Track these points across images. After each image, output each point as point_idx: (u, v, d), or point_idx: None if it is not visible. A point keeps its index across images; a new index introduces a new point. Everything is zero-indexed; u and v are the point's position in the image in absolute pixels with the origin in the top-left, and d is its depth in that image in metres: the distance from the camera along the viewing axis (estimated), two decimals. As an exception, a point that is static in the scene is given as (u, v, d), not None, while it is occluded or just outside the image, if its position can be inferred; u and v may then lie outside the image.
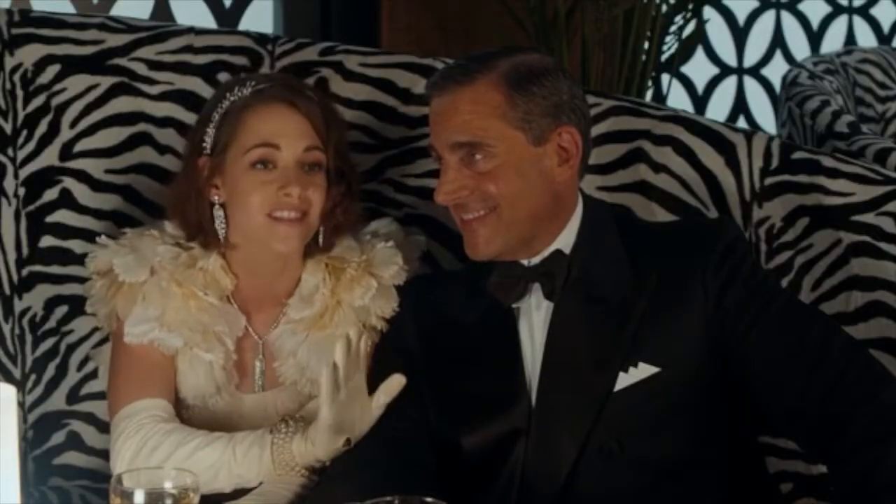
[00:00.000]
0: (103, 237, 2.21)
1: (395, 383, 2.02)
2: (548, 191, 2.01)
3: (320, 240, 2.16)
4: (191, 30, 2.52)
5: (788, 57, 4.69)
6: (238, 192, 2.11)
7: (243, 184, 2.10)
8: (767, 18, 4.71)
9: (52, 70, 2.44)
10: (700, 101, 4.56)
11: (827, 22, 4.82)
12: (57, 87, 2.44)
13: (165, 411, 2.10)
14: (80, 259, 2.32)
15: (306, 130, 2.11)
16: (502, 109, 1.98)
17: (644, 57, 3.35)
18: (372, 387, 2.04)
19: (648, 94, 3.47)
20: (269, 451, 2.02)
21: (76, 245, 2.39)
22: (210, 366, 2.12)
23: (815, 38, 4.78)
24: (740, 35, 4.65)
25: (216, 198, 2.14)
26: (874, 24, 4.90)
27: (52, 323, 2.41)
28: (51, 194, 2.42)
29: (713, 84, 4.60)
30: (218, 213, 2.14)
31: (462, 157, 1.99)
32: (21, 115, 2.43)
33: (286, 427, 2.04)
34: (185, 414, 2.15)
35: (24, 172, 2.42)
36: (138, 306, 2.13)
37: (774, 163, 2.31)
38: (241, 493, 2.06)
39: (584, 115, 2.05)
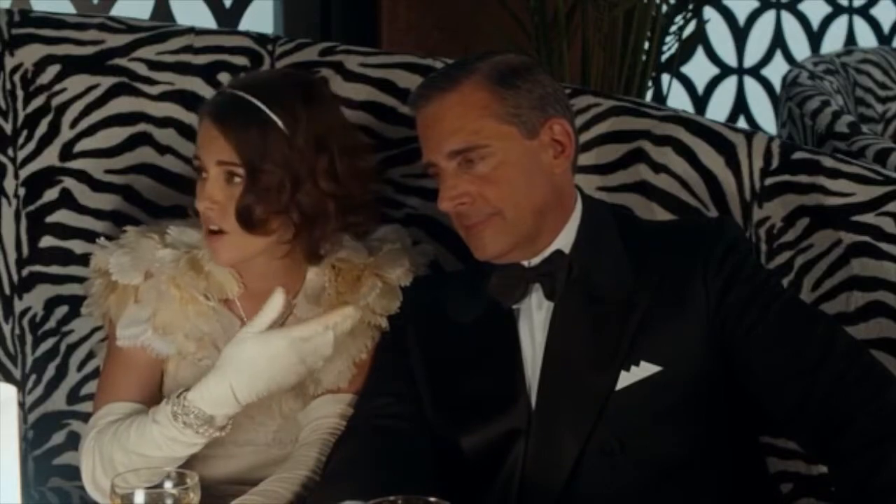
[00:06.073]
0: (102, 239, 2.20)
1: (349, 311, 2.05)
2: (548, 184, 2.02)
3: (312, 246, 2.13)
4: (191, 30, 2.52)
5: (788, 57, 4.70)
6: None
7: None
8: (767, 18, 4.71)
9: (53, 70, 2.44)
10: (700, 102, 4.56)
11: (827, 22, 4.82)
12: (57, 87, 2.44)
13: (134, 413, 2.06)
14: (80, 259, 2.33)
15: (221, 145, 2.05)
16: (491, 108, 1.99)
17: (644, 57, 3.35)
18: (366, 386, 2.12)
19: (648, 95, 3.47)
20: (172, 422, 1.98)
21: (76, 245, 2.39)
22: (203, 370, 2.09)
23: (815, 38, 4.79)
24: (740, 35, 4.66)
25: None
26: (874, 24, 4.90)
27: (52, 323, 2.41)
28: (51, 194, 2.42)
29: (713, 84, 4.61)
30: None
31: (459, 163, 2.00)
32: (21, 115, 2.43)
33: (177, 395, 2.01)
34: None
35: (25, 172, 2.42)
36: (130, 308, 2.11)
37: (775, 163, 2.30)
38: (239, 482, 2.07)
39: (569, 108, 2.08)
